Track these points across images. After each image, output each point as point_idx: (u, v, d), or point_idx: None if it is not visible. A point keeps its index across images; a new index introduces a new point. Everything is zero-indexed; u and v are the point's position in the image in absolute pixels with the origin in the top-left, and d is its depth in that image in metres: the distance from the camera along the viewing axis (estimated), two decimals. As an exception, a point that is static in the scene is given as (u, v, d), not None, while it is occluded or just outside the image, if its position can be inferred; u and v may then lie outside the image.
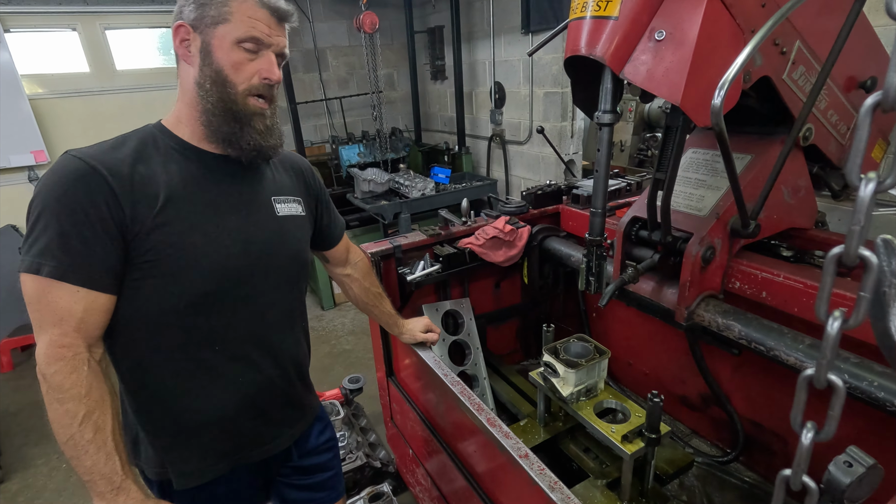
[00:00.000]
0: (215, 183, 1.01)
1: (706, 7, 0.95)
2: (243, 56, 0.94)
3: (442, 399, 1.48)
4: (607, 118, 1.07)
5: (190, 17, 0.94)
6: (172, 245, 0.92)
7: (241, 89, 0.95)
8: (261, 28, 0.94)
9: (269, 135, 1.01)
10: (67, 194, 0.86)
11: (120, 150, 0.94)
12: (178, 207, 0.94)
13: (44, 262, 0.85)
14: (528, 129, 4.11)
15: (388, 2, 5.19)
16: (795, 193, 1.39)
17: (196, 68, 0.95)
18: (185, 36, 0.95)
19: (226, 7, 0.92)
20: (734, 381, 1.61)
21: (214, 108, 0.95)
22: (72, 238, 0.86)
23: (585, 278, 1.23)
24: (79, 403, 0.86)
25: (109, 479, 0.87)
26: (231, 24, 0.92)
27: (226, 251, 0.99)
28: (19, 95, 3.97)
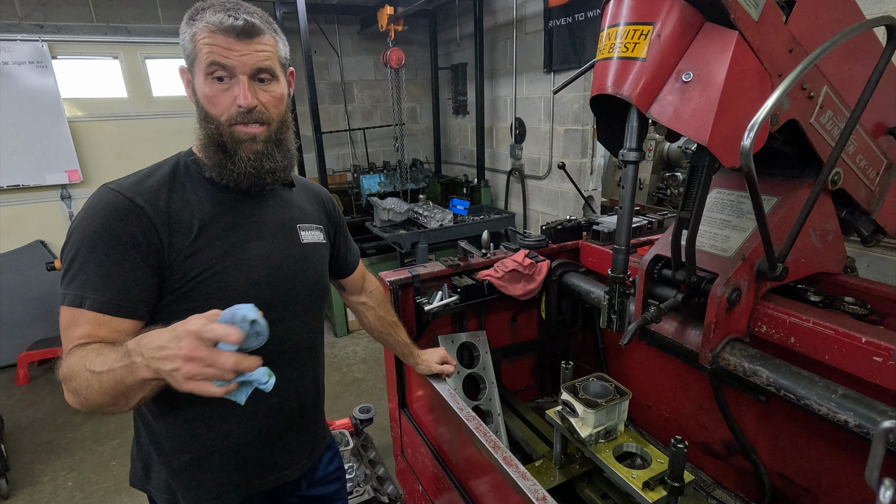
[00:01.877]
0: (242, 210, 1.03)
1: (734, 51, 0.96)
2: (216, 87, 0.93)
3: (456, 434, 1.45)
4: (632, 156, 1.07)
5: (184, 61, 0.98)
6: (206, 272, 0.94)
7: (224, 120, 0.94)
8: (219, 53, 0.90)
9: (264, 159, 0.98)
10: (106, 228, 0.88)
11: (154, 178, 0.96)
12: (210, 235, 0.96)
13: (86, 295, 0.87)
14: (548, 164, 4.15)
15: (414, 39, 5.39)
16: (824, 237, 1.37)
17: (196, 106, 0.99)
18: (187, 78, 0.98)
19: (192, 42, 0.93)
20: (760, 429, 1.54)
21: (206, 143, 0.97)
22: (112, 271, 0.87)
23: (607, 316, 1.21)
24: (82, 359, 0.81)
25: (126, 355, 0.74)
26: (199, 59, 0.92)
27: (255, 278, 1.00)
28: (60, 117, 4.17)
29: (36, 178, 4.20)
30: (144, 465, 1.06)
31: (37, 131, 4.11)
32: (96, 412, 0.84)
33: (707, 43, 0.99)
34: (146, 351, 0.72)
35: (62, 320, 0.88)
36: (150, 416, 1.01)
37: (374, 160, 5.48)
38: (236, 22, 0.91)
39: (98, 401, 0.79)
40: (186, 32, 0.94)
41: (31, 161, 4.15)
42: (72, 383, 0.82)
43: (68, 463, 2.88)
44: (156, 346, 0.71)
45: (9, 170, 4.11)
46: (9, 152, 4.07)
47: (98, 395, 0.78)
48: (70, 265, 0.89)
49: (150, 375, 0.72)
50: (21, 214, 4.28)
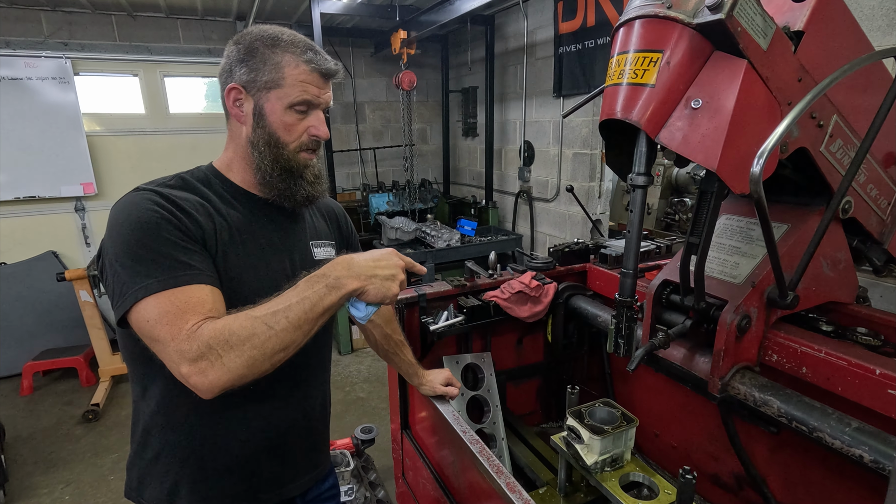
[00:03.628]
0: (263, 227, 1.05)
1: (743, 79, 0.97)
2: (295, 118, 0.98)
3: (458, 458, 1.42)
4: (641, 180, 1.08)
5: (242, 79, 0.97)
6: (231, 280, 0.95)
7: (293, 147, 1.00)
8: (312, 91, 0.98)
9: (318, 183, 1.07)
10: (162, 216, 0.88)
11: (183, 186, 0.98)
12: (235, 246, 0.98)
13: (184, 272, 0.85)
14: (556, 187, 4.17)
15: (426, 63, 5.50)
16: (835, 266, 1.35)
17: (249, 128, 0.99)
18: (239, 97, 0.99)
19: (279, 73, 0.96)
20: (771, 461, 1.50)
21: (270, 167, 1.00)
22: (191, 247, 0.88)
23: (614, 340, 1.20)
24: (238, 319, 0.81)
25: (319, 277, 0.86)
26: (284, 90, 0.96)
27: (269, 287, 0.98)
28: (78, 132, 4.27)
29: (52, 190, 4.29)
30: (140, 477, 1.04)
31: (55, 145, 4.21)
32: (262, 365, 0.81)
33: (716, 71, 1.00)
34: (358, 268, 0.88)
35: (146, 317, 0.82)
36: (155, 429, 1.00)
37: (383, 179, 5.54)
38: (329, 65, 1.00)
39: (278, 338, 0.81)
40: (271, 58, 0.96)
41: (48, 173, 4.24)
42: (233, 348, 0.79)
43: (67, 476, 2.86)
44: (374, 263, 0.90)
45: (26, 181, 4.20)
46: (27, 164, 4.17)
47: (283, 333, 0.81)
48: (141, 257, 0.84)
49: (356, 286, 0.87)
50: (35, 225, 4.36)
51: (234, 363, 0.79)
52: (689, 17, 0.97)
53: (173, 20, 4.57)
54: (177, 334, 0.80)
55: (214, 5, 4.37)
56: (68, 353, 3.95)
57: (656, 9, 1.00)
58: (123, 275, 0.84)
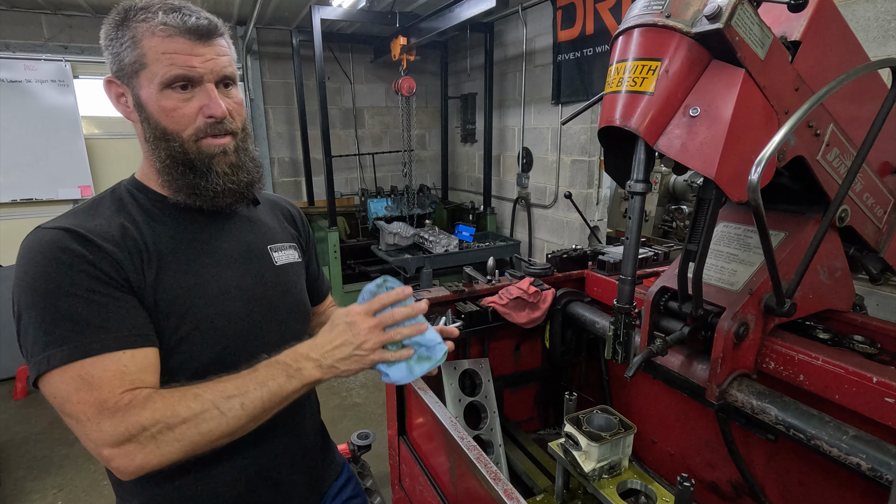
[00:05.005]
0: (206, 238, 0.91)
1: (740, 88, 0.98)
2: (176, 99, 0.81)
3: (455, 464, 1.41)
4: (639, 187, 1.08)
5: (113, 69, 0.82)
6: (173, 313, 0.82)
7: (187, 136, 0.83)
8: (182, 61, 0.79)
9: (238, 172, 0.89)
10: (73, 264, 0.74)
11: (98, 213, 0.83)
12: (173, 270, 0.84)
13: (64, 348, 0.71)
14: (554, 193, 4.18)
15: (425, 69, 5.52)
16: (832, 274, 1.36)
17: (139, 125, 0.85)
18: (119, 90, 0.84)
19: (138, 49, 0.79)
20: (769, 469, 1.50)
21: (167, 163, 0.84)
22: (107, 303, 0.74)
23: (612, 347, 1.20)
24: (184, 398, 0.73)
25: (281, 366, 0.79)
26: (150, 68, 0.79)
27: (228, 313, 0.89)
28: (77, 135, 4.27)
29: (49, 193, 4.28)
30: None
31: (54, 147, 4.21)
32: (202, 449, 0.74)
33: (714, 79, 1.01)
34: (318, 353, 0.79)
35: (55, 393, 0.71)
36: (135, 488, 0.89)
37: (381, 185, 5.55)
38: (199, 21, 0.80)
39: (226, 425, 0.74)
40: (123, 37, 0.80)
41: (46, 176, 4.23)
42: (171, 429, 0.71)
43: (59, 481, 2.83)
44: (331, 346, 0.80)
45: (23, 184, 4.19)
46: (25, 167, 4.16)
47: (234, 421, 0.74)
48: (44, 318, 0.72)
49: (321, 375, 0.79)
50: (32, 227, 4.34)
51: (171, 447, 0.71)
52: (687, 26, 0.98)
53: (174, 24, 4.58)
54: (94, 413, 0.69)
55: (215, 10, 4.38)
56: (63, 357, 3.93)
57: (655, 18, 1.01)
58: (26, 336, 0.73)
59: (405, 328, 0.85)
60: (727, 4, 0.92)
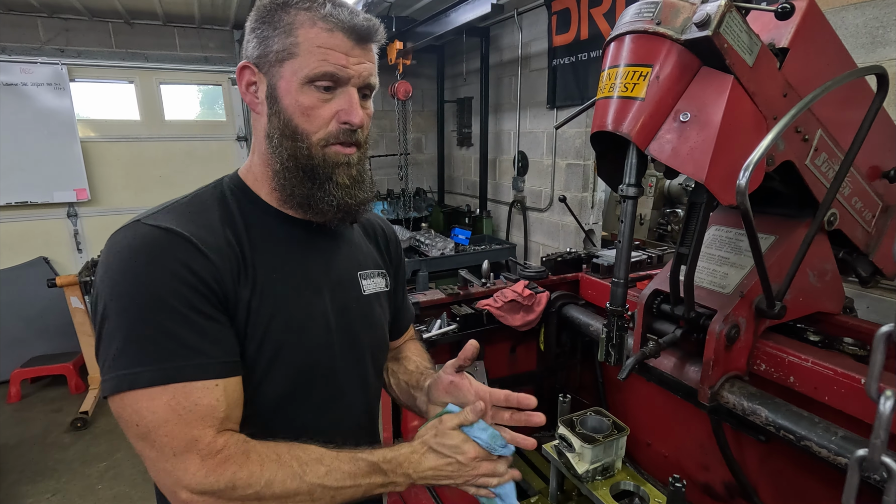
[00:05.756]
0: (302, 257, 0.84)
1: (729, 94, 1.00)
2: (315, 97, 0.75)
3: (450, 466, 1.42)
4: (631, 191, 1.10)
5: (253, 54, 0.76)
6: (255, 336, 0.76)
7: (316, 139, 0.77)
8: (335, 59, 0.74)
9: (356, 188, 0.82)
10: (164, 272, 0.67)
11: (203, 215, 0.76)
12: (266, 290, 0.77)
13: (157, 367, 0.65)
14: (550, 197, 4.20)
15: (422, 73, 5.54)
16: (821, 277, 1.37)
17: (265, 118, 0.78)
18: (252, 78, 0.78)
19: (291, 37, 0.73)
20: (762, 470, 1.51)
21: (287, 166, 0.78)
22: (204, 323, 0.69)
23: (605, 349, 1.21)
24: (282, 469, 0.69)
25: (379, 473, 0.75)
26: (299, 59, 0.73)
27: (311, 343, 0.82)
28: (73, 137, 4.27)
29: (44, 196, 4.27)
30: None
31: (49, 150, 4.20)
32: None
33: (704, 85, 1.03)
34: (417, 476, 0.77)
35: (155, 412, 0.65)
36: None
37: (378, 188, 5.56)
38: (363, 22, 0.75)
39: None
40: (278, 21, 0.74)
41: (42, 179, 4.23)
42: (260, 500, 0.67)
43: (54, 485, 2.81)
44: (432, 474, 0.78)
45: (19, 186, 4.18)
46: (20, 169, 4.16)
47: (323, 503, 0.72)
48: (137, 328, 0.66)
49: (405, 488, 0.78)
50: (26, 230, 4.33)
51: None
52: (677, 33, 1.00)
53: (170, 28, 4.59)
54: (182, 450, 0.65)
55: (212, 14, 4.40)
56: (58, 360, 3.91)
57: (646, 25, 1.03)
58: (110, 344, 0.67)
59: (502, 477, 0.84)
60: (716, 12, 0.94)
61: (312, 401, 0.84)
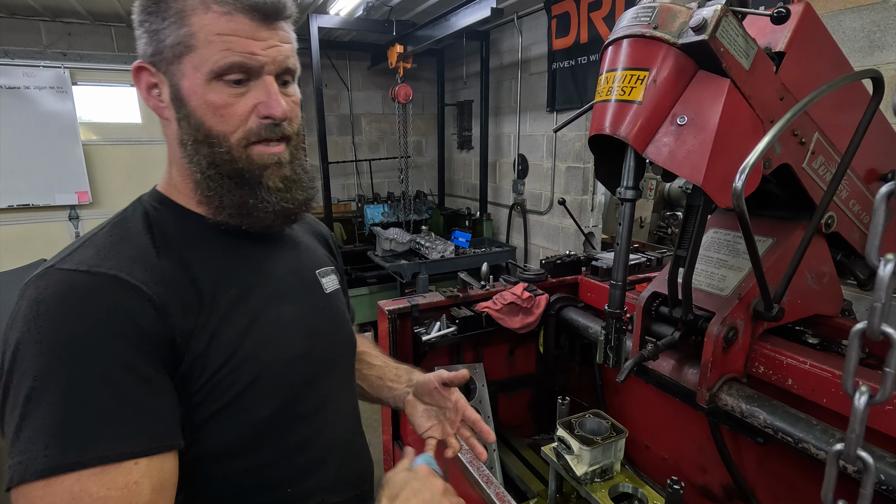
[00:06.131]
0: (257, 267, 0.76)
1: (726, 98, 1.00)
2: (226, 93, 0.66)
3: (449, 467, 1.42)
4: (629, 194, 1.10)
5: (147, 52, 0.67)
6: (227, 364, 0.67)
7: (235, 140, 0.68)
8: (241, 46, 0.64)
9: (292, 189, 0.74)
10: (97, 325, 0.57)
11: (131, 244, 0.65)
12: (226, 311, 0.69)
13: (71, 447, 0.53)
14: (549, 200, 4.21)
15: (422, 76, 5.56)
16: (819, 280, 1.38)
17: (174, 123, 0.69)
18: (151, 80, 0.68)
19: (185, 27, 0.63)
20: (760, 472, 1.51)
21: (209, 175, 0.68)
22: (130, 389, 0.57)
23: (603, 351, 1.21)
24: None
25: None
26: (199, 52, 0.64)
27: (290, 355, 0.75)
28: (75, 140, 4.28)
29: (46, 199, 4.28)
30: None
31: (51, 153, 4.22)
32: None
33: (701, 89, 1.04)
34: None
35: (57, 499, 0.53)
36: None
37: (378, 191, 5.57)
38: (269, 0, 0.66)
39: None
40: (165, 10, 0.64)
41: (43, 181, 4.24)
42: None
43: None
44: None
45: (20, 189, 4.20)
46: (22, 172, 4.17)
47: None
48: (42, 399, 0.53)
49: None
50: (28, 233, 4.35)
51: None
52: (674, 37, 1.01)
53: (172, 32, 4.61)
54: None
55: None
56: (58, 363, 3.92)
57: (643, 29, 1.04)
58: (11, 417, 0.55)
59: None
60: (712, 17, 0.95)
61: (301, 415, 0.77)
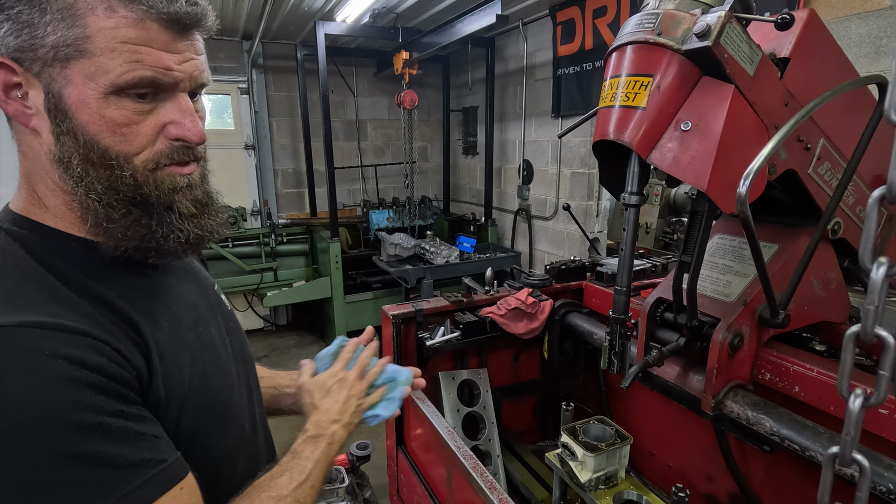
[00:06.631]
0: (170, 293, 0.69)
1: (730, 103, 1.00)
2: (130, 110, 0.56)
3: (452, 473, 1.42)
4: (634, 199, 1.10)
5: (10, 44, 0.53)
6: (176, 403, 0.62)
7: (141, 162, 0.59)
8: (153, 59, 0.56)
9: (205, 215, 0.66)
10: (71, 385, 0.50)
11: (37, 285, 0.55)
12: (164, 347, 0.63)
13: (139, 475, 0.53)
14: (554, 205, 4.21)
15: (427, 82, 5.59)
16: (826, 286, 1.37)
17: (47, 136, 0.57)
18: (12, 79, 0.55)
19: (77, 27, 0.53)
20: (767, 481, 1.49)
21: (107, 203, 0.58)
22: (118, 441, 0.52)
23: (608, 357, 1.21)
24: None
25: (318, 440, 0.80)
26: (96, 60, 0.54)
27: (230, 382, 0.74)
28: None
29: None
30: None
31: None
32: None
33: (705, 95, 1.04)
34: (337, 415, 0.84)
35: None
36: None
37: (384, 196, 5.59)
38: (182, 6, 0.56)
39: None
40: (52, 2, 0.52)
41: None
42: None
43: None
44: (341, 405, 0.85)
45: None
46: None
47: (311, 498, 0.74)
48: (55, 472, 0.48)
49: (346, 434, 0.84)
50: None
51: None
52: (678, 43, 1.01)
53: (181, 39, 4.66)
54: None
55: (221, 25, 4.46)
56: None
57: (647, 35, 1.04)
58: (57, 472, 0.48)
59: (375, 367, 0.96)
60: (716, 23, 0.95)
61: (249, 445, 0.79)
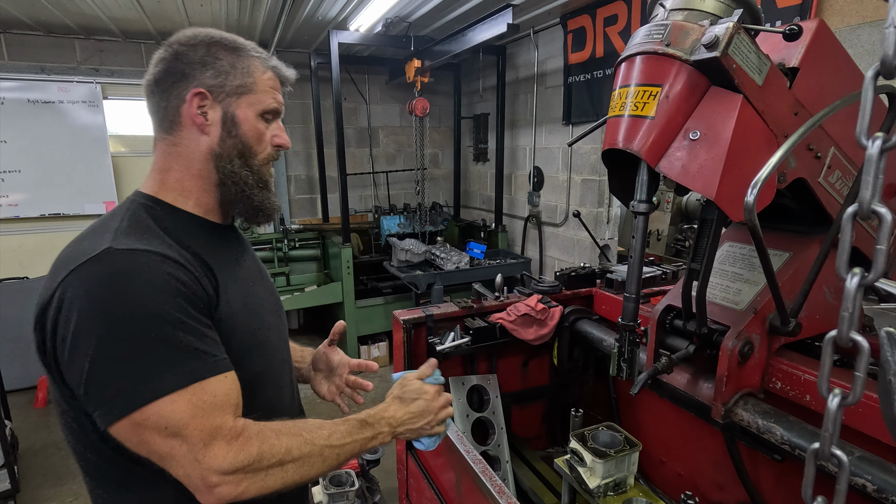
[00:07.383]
0: (235, 256, 0.99)
1: (739, 113, 1.01)
2: (263, 126, 0.94)
3: (462, 478, 1.43)
4: (643, 207, 1.11)
5: (208, 83, 0.88)
6: (229, 330, 0.86)
7: (262, 158, 0.95)
8: (278, 98, 0.96)
9: None
10: (160, 291, 0.75)
11: (153, 233, 0.83)
12: (227, 288, 0.88)
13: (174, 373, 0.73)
14: (565, 212, 4.21)
15: (439, 90, 5.64)
16: (838, 294, 1.36)
17: (215, 139, 0.90)
18: (203, 103, 0.89)
19: (250, 77, 0.91)
20: (778, 490, 1.48)
21: (241, 181, 0.92)
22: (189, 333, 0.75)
23: (617, 364, 1.21)
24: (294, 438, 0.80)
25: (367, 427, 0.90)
26: (255, 96, 0.91)
27: (268, 326, 0.98)
28: (104, 152, 4.44)
29: (76, 208, 4.44)
30: None
31: (82, 164, 4.38)
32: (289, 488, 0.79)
33: (713, 104, 1.05)
34: (397, 422, 0.94)
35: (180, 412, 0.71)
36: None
37: (395, 202, 5.63)
38: (290, 73, 0.99)
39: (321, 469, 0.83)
40: (237, 63, 0.91)
41: (74, 192, 4.40)
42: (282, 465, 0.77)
43: (76, 489, 2.88)
44: (409, 417, 0.95)
45: (52, 199, 4.35)
46: (55, 183, 4.34)
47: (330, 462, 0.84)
48: (143, 347, 0.72)
49: (390, 440, 0.93)
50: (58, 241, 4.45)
51: (273, 482, 0.76)
52: (686, 54, 1.02)
53: (198, 48, 4.77)
54: (208, 439, 0.72)
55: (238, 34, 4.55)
56: (82, 368, 4.01)
57: (655, 46, 1.06)
58: (111, 372, 0.71)
59: (450, 408, 1.04)
60: (724, 34, 0.96)
61: (281, 387, 1.00)
